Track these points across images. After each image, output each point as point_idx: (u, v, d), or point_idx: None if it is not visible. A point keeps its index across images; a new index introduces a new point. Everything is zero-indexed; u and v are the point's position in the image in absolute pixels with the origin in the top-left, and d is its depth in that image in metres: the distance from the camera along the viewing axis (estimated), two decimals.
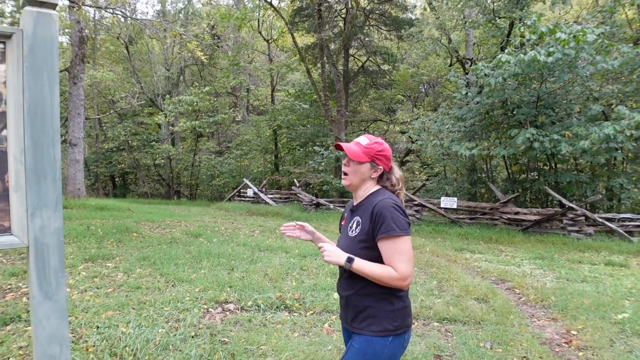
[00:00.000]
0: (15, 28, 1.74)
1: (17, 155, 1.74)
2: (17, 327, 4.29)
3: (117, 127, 27.71)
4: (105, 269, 6.41)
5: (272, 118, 24.79)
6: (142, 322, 4.36)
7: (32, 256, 1.77)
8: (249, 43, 28.19)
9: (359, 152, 2.16)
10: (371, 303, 2.07)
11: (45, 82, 1.76)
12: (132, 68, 28.40)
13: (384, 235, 1.99)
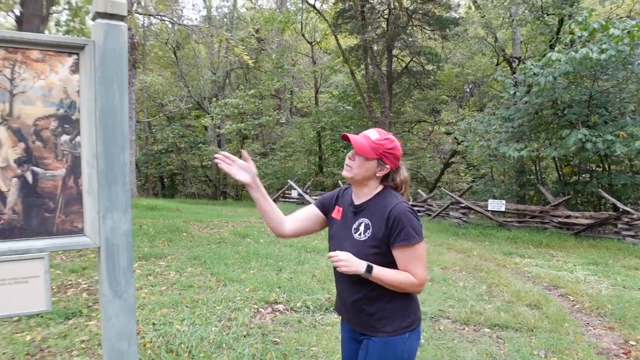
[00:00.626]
0: (88, 40, 1.84)
1: (90, 160, 1.83)
2: (78, 321, 4.49)
3: (165, 129, 28.46)
4: (158, 268, 6.61)
5: (315, 120, 24.94)
6: (195, 320, 4.48)
7: (103, 256, 1.87)
8: (292, 46, 28.44)
9: (366, 146, 1.99)
10: (382, 305, 2.01)
11: (116, 91, 1.85)
12: (179, 72, 29.10)
13: (404, 243, 1.91)
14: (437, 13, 22.62)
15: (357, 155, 2.02)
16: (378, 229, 1.97)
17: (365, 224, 2.01)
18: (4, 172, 1.72)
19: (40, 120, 1.77)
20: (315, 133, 25.65)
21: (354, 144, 2.01)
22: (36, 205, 1.77)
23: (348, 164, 2.06)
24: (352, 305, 2.07)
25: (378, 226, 1.97)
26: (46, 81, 1.78)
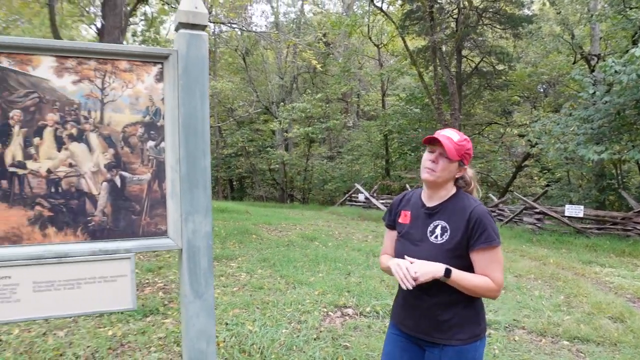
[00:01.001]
0: (171, 49, 1.92)
1: (173, 165, 1.91)
2: (155, 319, 4.67)
3: (235, 134, 29.24)
4: (230, 269, 6.77)
5: (383, 123, 24.78)
6: (266, 322, 4.55)
7: (184, 258, 1.94)
8: (359, 49, 28.42)
9: (452, 149, 1.92)
10: (456, 311, 1.94)
11: (198, 98, 1.92)
12: (248, 78, 29.80)
13: (486, 245, 1.87)
14: (508, 11, 21.89)
15: (442, 157, 1.94)
16: (456, 232, 1.92)
17: (442, 227, 1.96)
18: (95, 176, 1.82)
19: (128, 127, 1.86)
20: (382, 136, 25.49)
21: (445, 148, 1.91)
22: (124, 208, 1.86)
23: (430, 167, 1.96)
24: (425, 311, 1.98)
25: (456, 228, 1.92)
26: (133, 90, 1.87)
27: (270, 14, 32.82)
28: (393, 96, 27.48)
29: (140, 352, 3.91)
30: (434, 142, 1.96)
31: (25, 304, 1.77)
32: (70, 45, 1.80)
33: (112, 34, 10.64)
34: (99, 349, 3.90)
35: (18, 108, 1.73)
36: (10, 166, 1.73)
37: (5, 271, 1.74)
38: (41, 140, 1.76)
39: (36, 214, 1.76)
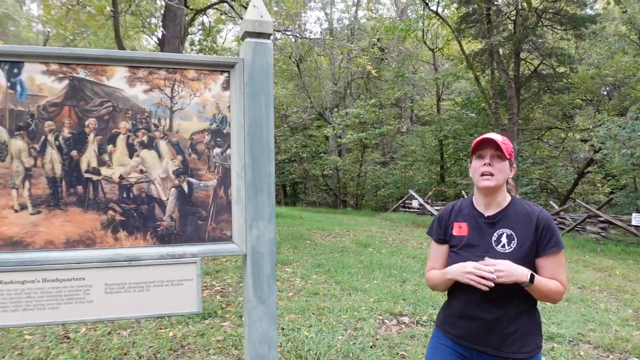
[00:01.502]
0: (238, 58, 1.95)
1: (239, 172, 1.94)
2: (214, 321, 4.76)
3: (289, 139, 29.54)
4: (285, 274, 6.83)
5: (437, 128, 24.42)
6: (322, 328, 4.55)
7: (249, 263, 1.96)
8: (413, 53, 28.15)
9: (505, 147, 1.90)
10: (523, 321, 1.90)
11: (262, 105, 1.94)
12: (302, 84, 30.06)
13: (555, 249, 1.85)
14: (570, 11, 21.11)
15: (496, 158, 1.91)
16: (525, 239, 1.88)
17: (508, 235, 1.91)
18: (164, 182, 1.87)
19: (196, 134, 1.90)
20: (437, 141, 25.11)
21: (501, 144, 1.88)
22: (191, 213, 1.90)
23: (488, 171, 1.91)
24: (490, 323, 1.90)
25: (524, 235, 1.88)
26: (201, 98, 1.91)
27: (324, 20, 33.03)
28: (448, 101, 27.03)
29: (199, 354, 3.99)
30: (484, 146, 1.93)
31: (98, 304, 1.84)
32: (142, 56, 1.86)
33: (173, 44, 11.01)
34: (161, 350, 4.01)
35: (93, 117, 1.81)
36: (86, 172, 1.81)
37: (79, 273, 1.81)
38: (114, 148, 1.83)
39: (109, 218, 1.83)
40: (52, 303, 1.80)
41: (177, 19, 10.99)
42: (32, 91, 1.77)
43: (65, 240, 1.80)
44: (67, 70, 1.79)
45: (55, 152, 1.79)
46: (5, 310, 1.78)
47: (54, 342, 4.07)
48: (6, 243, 1.77)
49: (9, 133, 1.76)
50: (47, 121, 1.78)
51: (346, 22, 32.82)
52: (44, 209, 1.79)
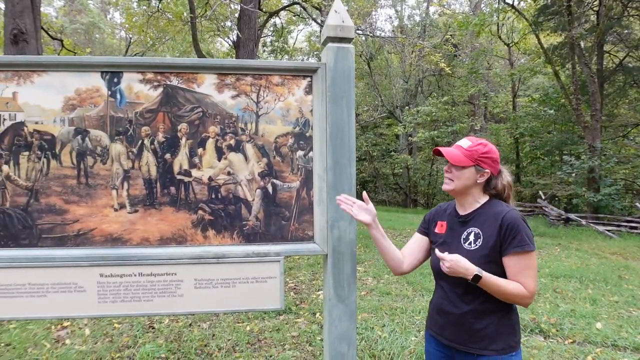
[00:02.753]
0: (320, 63, 2.00)
1: (321, 174, 1.99)
2: (288, 317, 4.86)
3: (359, 138, 29.53)
4: (357, 273, 6.85)
5: (513, 125, 23.55)
6: (395, 328, 4.54)
7: (329, 263, 2.01)
8: (487, 49, 27.31)
9: (460, 155, 1.93)
10: (492, 320, 1.88)
11: (344, 108, 1.98)
12: (372, 82, 29.95)
13: (518, 250, 1.82)
14: None
15: (452, 166, 1.96)
16: (489, 237, 1.88)
17: (475, 233, 1.93)
18: (250, 184, 1.95)
19: (280, 137, 1.97)
20: (513, 140, 24.24)
21: (446, 155, 1.94)
22: (275, 213, 1.98)
23: (446, 177, 2.00)
24: (458, 319, 1.93)
25: (489, 234, 1.89)
26: (285, 102, 1.98)
27: (395, 17, 32.70)
28: (525, 97, 26.02)
29: (275, 349, 4.09)
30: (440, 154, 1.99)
31: (188, 298, 1.95)
32: (230, 63, 1.95)
33: (247, 46, 11.31)
34: (239, 343, 4.15)
35: (185, 122, 1.92)
36: (178, 174, 1.92)
37: (172, 268, 1.92)
38: (204, 151, 1.93)
39: (198, 217, 1.93)
40: (147, 296, 1.93)
41: (251, 22, 11.28)
42: (130, 99, 1.90)
43: (160, 237, 1.92)
44: (162, 79, 1.91)
45: (151, 155, 1.91)
46: (106, 301, 1.93)
47: (141, 332, 4.32)
48: (107, 239, 1.91)
49: (110, 138, 1.91)
50: (144, 126, 1.91)
51: (417, 18, 32.35)
52: (140, 208, 1.92)
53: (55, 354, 3.78)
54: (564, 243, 11.47)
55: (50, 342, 3.99)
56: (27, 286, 1.91)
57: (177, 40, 19.61)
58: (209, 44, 24.10)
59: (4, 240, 1.90)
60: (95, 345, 3.98)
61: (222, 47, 27.46)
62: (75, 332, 4.25)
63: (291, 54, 28.15)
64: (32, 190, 1.90)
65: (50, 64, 1.90)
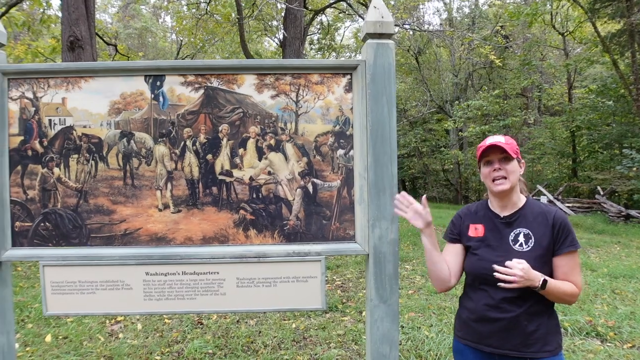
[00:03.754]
0: (359, 60, 1.98)
1: (361, 172, 1.96)
2: (334, 315, 4.86)
3: (408, 134, 29.22)
4: (405, 271, 6.78)
5: (569, 118, 22.68)
6: (443, 328, 4.46)
7: (371, 263, 1.98)
8: (540, 39, 26.41)
9: (510, 147, 1.88)
10: (542, 320, 1.84)
11: (385, 106, 1.95)
12: (421, 77, 29.53)
13: (571, 249, 1.81)
14: None
15: (502, 162, 1.88)
16: (542, 238, 1.84)
17: (525, 234, 1.87)
18: (291, 183, 1.95)
19: (320, 136, 1.96)
20: (569, 133, 23.33)
21: (505, 146, 1.87)
22: (315, 213, 1.97)
23: (500, 175, 1.88)
24: (510, 323, 1.84)
25: (541, 234, 1.85)
26: (324, 101, 1.96)
27: (444, 10, 32.11)
28: (581, 88, 25.00)
29: (320, 347, 4.09)
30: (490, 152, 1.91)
31: (230, 297, 1.97)
32: (269, 63, 1.96)
33: (293, 45, 11.38)
34: (284, 340, 4.18)
35: (226, 122, 1.94)
36: (220, 174, 1.95)
37: (214, 267, 1.95)
38: (245, 151, 1.95)
39: (240, 217, 1.95)
40: (190, 294, 1.97)
41: (297, 21, 11.35)
42: (172, 101, 1.94)
43: (202, 237, 1.95)
44: (203, 81, 1.94)
45: (193, 156, 1.94)
46: (151, 299, 1.98)
47: (190, 327, 4.42)
48: (151, 239, 1.96)
49: (154, 140, 1.95)
50: (186, 128, 1.94)
51: (466, 10, 31.62)
52: (183, 208, 1.95)
53: (109, 347, 3.92)
54: (623, 241, 10.96)
55: (104, 336, 4.15)
56: (78, 283, 1.98)
57: (226, 41, 19.94)
58: (257, 44, 24.40)
59: (56, 240, 1.98)
60: (147, 340, 4.11)
61: (270, 46, 27.75)
62: (128, 327, 4.39)
63: (338, 51, 28.11)
64: (82, 192, 1.97)
65: (96, 70, 1.96)
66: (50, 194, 1.98)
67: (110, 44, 14.15)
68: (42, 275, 1.99)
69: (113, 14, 29.22)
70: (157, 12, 31.15)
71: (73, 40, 7.79)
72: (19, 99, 1.97)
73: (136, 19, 28.38)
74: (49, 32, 13.40)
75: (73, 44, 7.79)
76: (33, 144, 1.97)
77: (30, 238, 1.98)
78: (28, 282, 5.91)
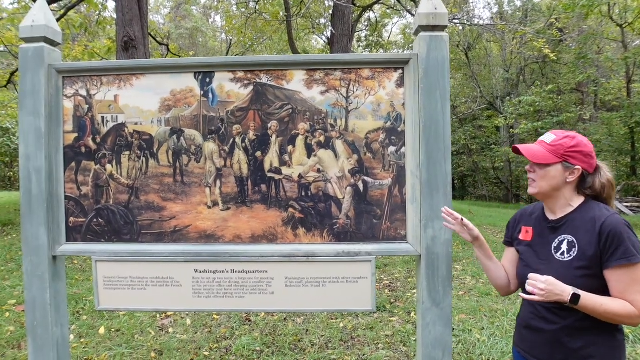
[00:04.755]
0: (411, 53, 1.91)
1: (414, 170, 1.89)
2: (382, 316, 4.79)
3: (457, 131, 28.64)
4: (455, 271, 6.62)
5: (628, 114, 21.68)
6: (495, 332, 4.31)
7: (423, 264, 1.91)
8: (596, 32, 25.33)
9: (541, 151, 1.70)
10: (591, 339, 1.62)
11: (438, 101, 1.87)
12: (471, 73, 28.89)
13: (623, 262, 1.54)
14: None
15: (535, 165, 1.74)
16: (586, 247, 1.61)
17: (569, 242, 1.66)
18: (341, 181, 1.90)
19: (371, 133, 1.90)
20: (628, 129, 22.31)
21: (524, 152, 1.74)
22: (366, 212, 1.91)
23: (530, 177, 1.77)
24: (551, 336, 1.68)
25: (586, 243, 1.61)
26: (375, 97, 1.90)
27: (494, 4, 31.29)
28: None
29: (368, 347, 4.04)
30: (519, 152, 1.79)
31: (278, 296, 1.94)
32: (318, 59, 1.92)
33: (341, 42, 11.32)
34: (332, 340, 4.14)
35: (275, 119, 1.91)
36: (269, 172, 1.92)
37: (263, 266, 1.93)
38: (294, 148, 1.91)
39: (289, 215, 1.92)
40: (238, 292, 1.96)
41: (345, 18, 11.28)
42: (221, 98, 1.93)
43: (251, 235, 1.93)
44: (252, 77, 1.91)
45: (242, 153, 1.92)
46: (200, 296, 1.97)
47: (238, 324, 4.45)
48: (201, 236, 1.95)
49: (204, 137, 1.94)
50: (235, 125, 1.93)
51: (518, 3, 30.69)
52: (232, 205, 1.94)
53: (159, 341, 3.99)
54: None
55: (155, 330, 4.22)
56: (129, 279, 2.00)
57: (275, 40, 20.10)
58: (305, 42, 24.46)
59: (108, 235, 2.00)
60: (196, 335, 4.15)
61: (317, 44, 27.76)
62: (177, 322, 4.46)
63: (386, 47, 27.85)
64: (133, 188, 1.98)
65: (147, 67, 1.98)
66: (103, 190, 2.00)
67: (163, 43, 14.49)
68: (94, 270, 2.02)
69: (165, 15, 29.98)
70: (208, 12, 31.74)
71: (127, 40, 8.00)
72: (73, 97, 2.00)
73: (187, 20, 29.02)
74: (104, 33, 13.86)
75: (127, 44, 7.99)
76: (86, 141, 2.00)
77: (84, 233, 2.01)
78: (83, 275, 6.11)
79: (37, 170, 1.97)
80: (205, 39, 32.03)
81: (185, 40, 30.49)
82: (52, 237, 2.00)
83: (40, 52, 1.97)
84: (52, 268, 2.02)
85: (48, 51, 2.00)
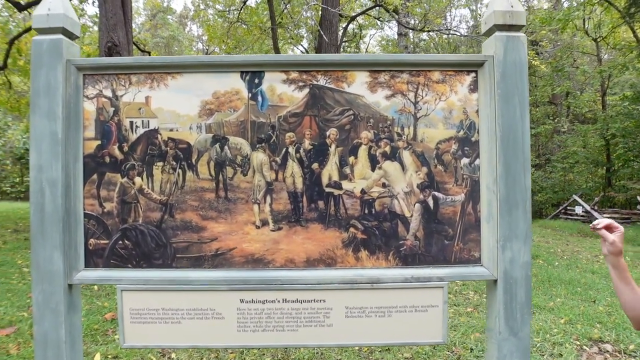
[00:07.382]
0: (487, 55, 1.70)
1: (490, 185, 1.68)
2: None
3: None
4: (455, 285, 6.44)
5: (604, 126, 22.04)
6: None
7: (499, 289, 1.69)
8: (571, 45, 25.83)
9: None
10: None
11: (517, 107, 1.67)
12: None
13: None
14: None
15: None
16: None
17: None
18: (408, 197, 1.68)
19: (442, 143, 1.69)
20: (603, 141, 22.66)
21: None
22: (436, 231, 1.69)
23: None
24: None
25: None
26: (446, 102, 1.69)
27: (470, 18, 31.73)
28: (615, 95, 24.32)
29: None
30: None
31: (337, 329, 1.70)
32: (384, 59, 1.70)
33: (329, 51, 11.15)
34: None
35: (334, 126, 1.68)
36: (327, 186, 1.68)
37: (320, 294, 1.69)
38: (356, 160, 1.68)
39: (350, 236, 1.68)
40: (291, 325, 1.70)
41: (332, 27, 11.13)
42: (272, 101, 1.69)
43: (306, 258, 1.69)
44: (307, 78, 1.68)
45: (296, 165, 1.69)
46: (246, 330, 1.72)
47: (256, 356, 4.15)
48: (247, 260, 1.70)
49: (251, 146, 1.70)
50: (288, 132, 1.69)
51: None
52: (284, 225, 1.69)
53: None
54: None
55: (156, 356, 3.90)
56: (161, 311, 1.73)
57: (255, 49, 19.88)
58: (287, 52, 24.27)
59: (136, 260, 1.74)
60: None
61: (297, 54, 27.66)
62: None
63: None
64: (167, 205, 1.72)
65: (185, 65, 1.72)
66: (131, 207, 1.74)
67: (145, 51, 14.11)
68: (119, 301, 1.74)
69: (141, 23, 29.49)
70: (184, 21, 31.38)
71: (111, 46, 7.66)
72: (96, 98, 1.74)
73: (164, 28, 28.60)
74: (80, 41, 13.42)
75: (111, 49, 7.65)
76: (111, 150, 1.74)
77: (106, 258, 1.74)
78: None
79: (52, 183, 1.69)
80: (181, 48, 31.62)
81: (161, 49, 30.02)
82: (68, 263, 1.72)
83: (57, 45, 1.70)
84: (67, 298, 1.74)
85: (67, 45, 1.73)
